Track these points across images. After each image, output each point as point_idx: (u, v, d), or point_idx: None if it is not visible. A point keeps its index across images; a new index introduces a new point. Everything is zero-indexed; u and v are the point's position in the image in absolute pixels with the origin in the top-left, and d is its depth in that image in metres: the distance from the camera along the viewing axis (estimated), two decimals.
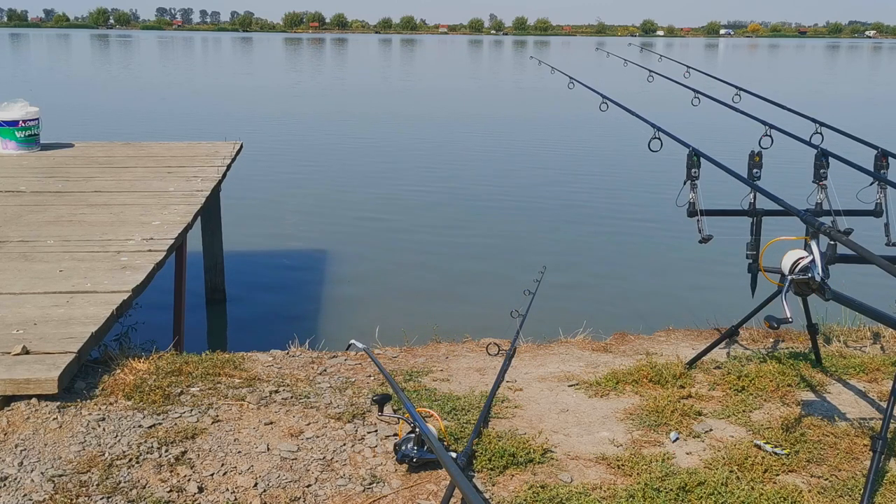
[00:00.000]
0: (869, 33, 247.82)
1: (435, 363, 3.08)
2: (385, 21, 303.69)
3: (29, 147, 7.03)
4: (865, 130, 3.22)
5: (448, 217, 8.91)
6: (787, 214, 2.24)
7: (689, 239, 2.71)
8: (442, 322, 3.05)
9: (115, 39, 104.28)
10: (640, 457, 2.32)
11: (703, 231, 2.53)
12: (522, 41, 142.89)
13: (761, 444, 2.39)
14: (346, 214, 8.87)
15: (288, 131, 15.58)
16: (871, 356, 3.19)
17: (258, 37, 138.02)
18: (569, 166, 12.39)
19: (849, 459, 2.34)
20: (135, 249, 3.96)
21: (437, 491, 2.12)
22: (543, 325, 3.69)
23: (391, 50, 78.72)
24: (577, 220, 8.84)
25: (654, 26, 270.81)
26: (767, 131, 3.05)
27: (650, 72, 4.13)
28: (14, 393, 2.51)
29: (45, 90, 18.90)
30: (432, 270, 7.00)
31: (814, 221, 2.11)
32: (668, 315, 4.51)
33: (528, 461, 2.27)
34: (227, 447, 2.33)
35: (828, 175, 2.67)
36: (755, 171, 2.61)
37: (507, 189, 10.45)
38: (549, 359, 3.17)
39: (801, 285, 2.18)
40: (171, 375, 2.79)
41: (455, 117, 18.59)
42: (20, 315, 3.04)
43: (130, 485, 2.10)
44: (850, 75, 43.36)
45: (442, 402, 2.62)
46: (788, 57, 74.40)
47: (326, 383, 2.82)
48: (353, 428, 2.47)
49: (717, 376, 2.94)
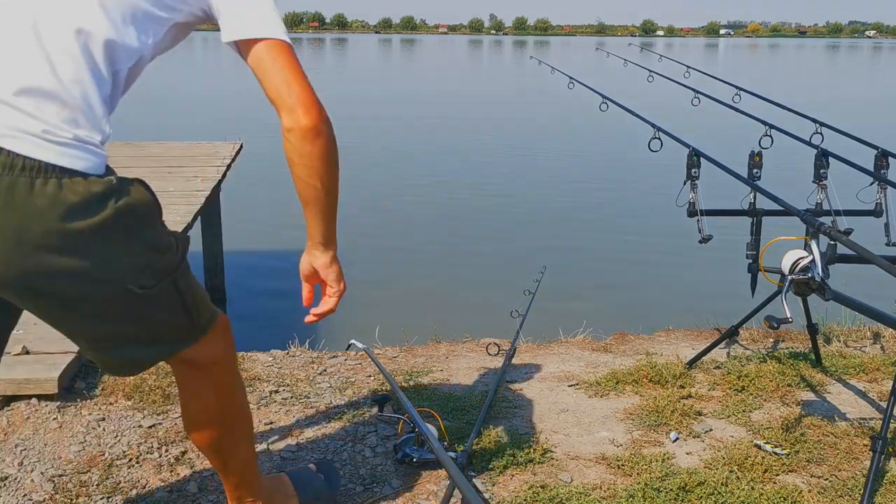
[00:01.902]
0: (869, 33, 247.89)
1: (435, 363, 3.08)
2: (385, 21, 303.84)
3: None
4: (865, 130, 3.21)
5: (447, 217, 8.91)
6: (787, 214, 2.23)
7: (689, 239, 2.71)
8: (442, 322, 3.05)
9: None
10: (640, 457, 2.32)
11: (703, 231, 2.53)
12: (522, 41, 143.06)
13: (761, 444, 2.39)
14: (346, 214, 8.87)
15: None
16: (871, 356, 3.19)
17: None
18: (569, 166, 12.39)
19: (849, 459, 2.34)
20: None
21: (437, 491, 2.12)
22: (543, 325, 3.69)
23: (391, 50, 78.75)
24: (578, 220, 8.85)
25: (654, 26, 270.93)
26: (767, 131, 3.04)
27: (650, 72, 4.13)
28: (14, 393, 2.51)
29: None
30: (432, 270, 7.00)
31: (814, 221, 2.11)
32: (668, 315, 4.50)
33: (528, 461, 2.27)
34: None
35: (828, 175, 2.66)
36: (755, 171, 2.60)
37: (506, 189, 10.46)
38: (549, 359, 3.17)
39: (801, 285, 2.18)
40: (170, 375, 2.79)
41: (454, 117, 18.60)
42: None
43: (130, 485, 2.11)
44: (850, 75, 43.39)
45: (442, 402, 2.62)
46: (788, 57, 74.46)
47: (326, 383, 2.82)
48: (353, 428, 2.47)
49: (717, 376, 2.94)
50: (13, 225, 1.20)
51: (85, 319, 1.38)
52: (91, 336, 1.43)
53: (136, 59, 1.35)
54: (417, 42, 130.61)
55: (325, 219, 1.53)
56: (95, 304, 1.35)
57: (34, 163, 1.19)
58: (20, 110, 1.20)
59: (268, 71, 1.38)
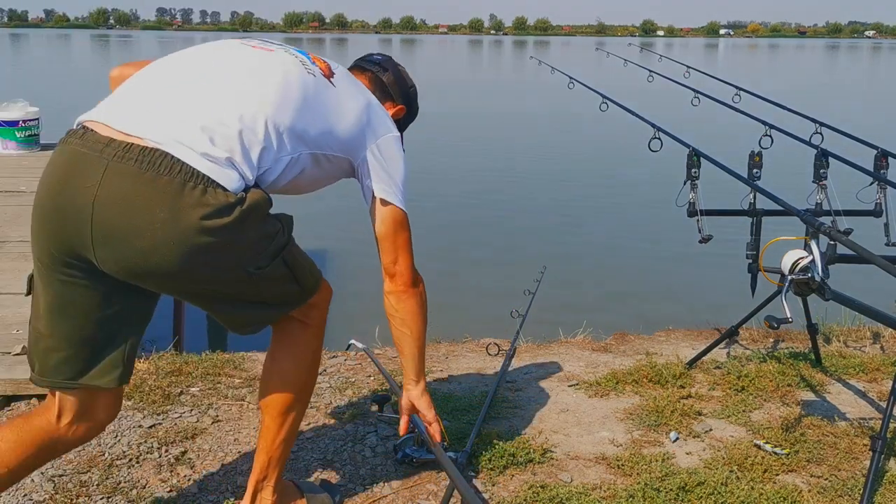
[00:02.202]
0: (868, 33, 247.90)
1: (435, 363, 3.08)
2: (385, 21, 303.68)
3: (29, 147, 7.03)
4: (865, 130, 3.21)
5: (446, 217, 8.90)
6: (787, 214, 2.23)
7: (688, 239, 2.71)
8: (442, 322, 3.04)
9: (115, 40, 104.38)
10: (640, 457, 2.32)
11: (702, 231, 2.53)
12: (522, 41, 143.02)
13: (761, 444, 2.40)
14: (346, 214, 8.88)
15: None
16: (871, 356, 3.19)
17: (258, 37, 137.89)
18: (569, 166, 12.39)
19: (849, 459, 2.34)
20: None
21: (437, 491, 2.12)
22: (543, 325, 3.69)
23: (391, 50, 78.69)
24: (578, 220, 8.84)
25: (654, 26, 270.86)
26: (767, 131, 3.04)
27: (650, 72, 4.13)
28: (14, 393, 2.51)
29: (45, 90, 18.92)
30: (431, 271, 6.98)
31: (814, 221, 2.11)
32: (668, 315, 4.51)
33: (528, 461, 2.27)
34: (227, 447, 2.33)
35: (828, 175, 2.67)
36: (755, 171, 2.60)
37: (506, 188, 10.45)
38: (549, 359, 3.17)
39: (801, 285, 2.18)
40: (170, 375, 2.79)
41: (452, 117, 18.60)
42: (20, 315, 3.04)
43: (130, 485, 2.11)
44: (850, 75, 43.39)
45: (442, 403, 2.62)
46: (788, 57, 74.47)
47: (326, 383, 2.82)
48: (353, 428, 2.47)
49: (717, 376, 2.94)
50: (165, 217, 1.46)
51: (211, 298, 1.65)
52: (217, 309, 1.68)
53: (296, 154, 1.65)
54: (417, 42, 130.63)
55: (415, 359, 1.93)
56: (219, 286, 1.61)
57: (190, 170, 1.47)
58: (195, 133, 1.51)
59: (388, 238, 1.80)
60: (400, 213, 1.80)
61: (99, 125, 1.52)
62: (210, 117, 1.53)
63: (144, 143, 1.47)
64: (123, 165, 1.45)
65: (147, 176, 1.45)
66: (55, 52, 59.70)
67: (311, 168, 1.70)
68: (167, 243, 1.47)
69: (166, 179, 1.45)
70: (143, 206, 1.45)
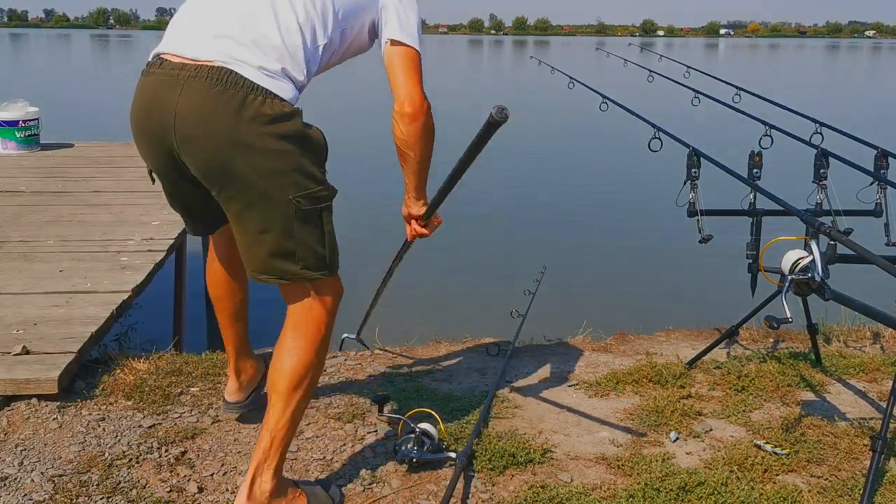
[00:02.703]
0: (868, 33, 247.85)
1: (435, 363, 3.08)
2: None
3: (29, 147, 7.03)
4: (865, 130, 3.21)
5: (446, 217, 8.90)
6: (787, 214, 2.23)
7: (688, 239, 2.71)
8: (442, 322, 3.04)
9: (115, 39, 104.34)
10: (640, 457, 2.32)
11: (702, 231, 2.53)
12: (522, 41, 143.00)
13: (761, 444, 2.40)
14: (346, 214, 8.87)
15: None
16: (871, 356, 3.19)
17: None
18: (569, 166, 12.39)
19: (849, 459, 2.34)
20: (135, 249, 3.96)
21: (437, 491, 2.12)
22: (543, 325, 3.69)
23: None
24: (578, 220, 8.84)
25: (654, 26, 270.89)
26: (767, 131, 3.04)
27: (650, 72, 4.13)
28: (14, 393, 2.51)
29: (45, 90, 18.91)
30: (432, 271, 6.99)
31: (814, 221, 2.11)
32: (668, 315, 4.50)
33: (528, 461, 2.27)
34: (227, 447, 2.33)
35: (828, 175, 2.66)
36: (755, 171, 2.60)
37: (506, 188, 10.45)
38: (549, 359, 3.17)
39: (801, 285, 2.17)
40: (170, 375, 2.79)
41: (452, 116, 18.59)
42: (20, 315, 3.04)
43: (130, 485, 2.10)
44: (850, 75, 43.38)
45: (442, 402, 2.62)
46: (788, 57, 74.46)
47: (326, 383, 2.81)
48: (353, 428, 2.47)
49: (717, 376, 2.94)
50: (229, 123, 1.69)
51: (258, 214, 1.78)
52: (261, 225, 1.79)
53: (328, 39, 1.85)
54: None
55: (417, 176, 2.08)
56: (269, 203, 1.76)
57: (251, 84, 1.70)
58: (249, 49, 1.73)
59: (395, 67, 1.90)
60: (413, 51, 1.92)
61: (170, 55, 1.79)
62: (256, 31, 1.75)
63: (213, 64, 1.72)
64: (196, 83, 1.71)
65: (216, 90, 1.69)
66: (55, 52, 59.67)
67: (338, 45, 1.90)
68: (232, 146, 1.70)
69: (231, 93, 1.69)
70: (211, 115, 1.70)
